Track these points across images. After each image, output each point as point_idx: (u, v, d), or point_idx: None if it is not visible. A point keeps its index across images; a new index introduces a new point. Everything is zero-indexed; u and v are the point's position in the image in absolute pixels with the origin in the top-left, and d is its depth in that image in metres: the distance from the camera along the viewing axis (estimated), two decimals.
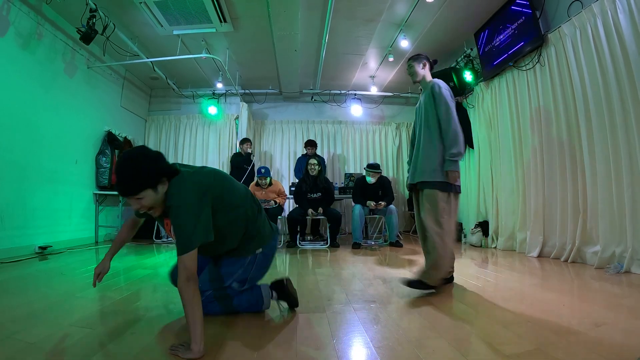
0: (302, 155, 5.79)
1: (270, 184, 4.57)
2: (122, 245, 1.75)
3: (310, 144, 5.54)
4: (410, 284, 2.04)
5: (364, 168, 4.64)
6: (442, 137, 2.16)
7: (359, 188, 4.59)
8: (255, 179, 4.68)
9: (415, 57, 2.38)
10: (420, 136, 2.30)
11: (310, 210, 4.33)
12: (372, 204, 4.37)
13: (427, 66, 2.36)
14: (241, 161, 5.31)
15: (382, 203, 4.37)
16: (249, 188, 4.60)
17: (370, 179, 4.49)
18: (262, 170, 4.53)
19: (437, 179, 2.12)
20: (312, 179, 4.49)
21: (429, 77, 2.36)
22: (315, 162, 4.53)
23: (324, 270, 2.79)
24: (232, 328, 1.43)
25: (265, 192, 4.55)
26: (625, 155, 2.53)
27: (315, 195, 4.45)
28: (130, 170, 1.24)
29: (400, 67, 5.53)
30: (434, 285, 2.03)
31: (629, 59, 2.49)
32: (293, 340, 1.30)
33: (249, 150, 5.40)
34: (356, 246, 4.18)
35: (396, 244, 4.24)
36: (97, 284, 1.55)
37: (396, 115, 6.93)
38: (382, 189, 4.54)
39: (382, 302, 1.81)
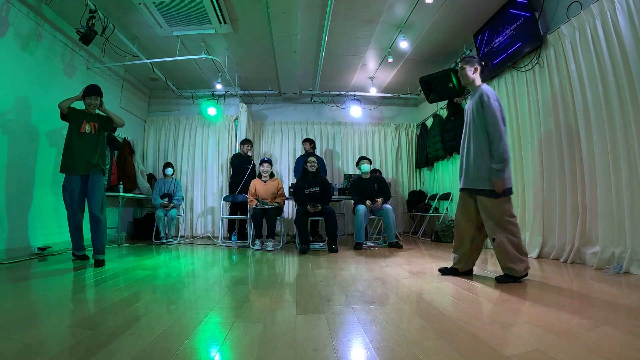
0: (300, 155, 5.80)
1: (272, 175, 4.76)
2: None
3: (308, 140, 5.61)
4: (499, 279, 2.29)
5: (356, 162, 4.91)
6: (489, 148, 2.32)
7: (355, 185, 4.69)
8: (258, 172, 4.83)
9: (467, 60, 2.49)
10: (469, 142, 2.44)
11: (308, 207, 4.27)
12: (368, 202, 4.38)
13: (478, 70, 2.46)
14: (243, 162, 5.30)
15: (379, 200, 4.39)
16: (251, 183, 4.65)
17: (365, 167, 4.70)
18: (266, 159, 4.77)
19: (492, 187, 2.30)
20: (310, 175, 4.49)
21: (478, 82, 2.46)
22: (314, 159, 4.55)
23: (323, 271, 2.79)
24: (231, 330, 1.43)
25: (266, 186, 4.58)
26: (624, 155, 2.53)
27: (313, 190, 4.42)
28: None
29: (399, 68, 5.54)
30: (519, 277, 2.25)
31: (628, 59, 2.50)
32: (292, 341, 1.29)
33: (250, 153, 5.40)
34: (358, 247, 4.16)
35: (396, 245, 4.23)
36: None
37: (395, 116, 6.94)
38: (377, 184, 4.64)
39: (381, 303, 1.81)
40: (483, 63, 2.55)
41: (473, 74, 2.45)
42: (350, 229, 6.23)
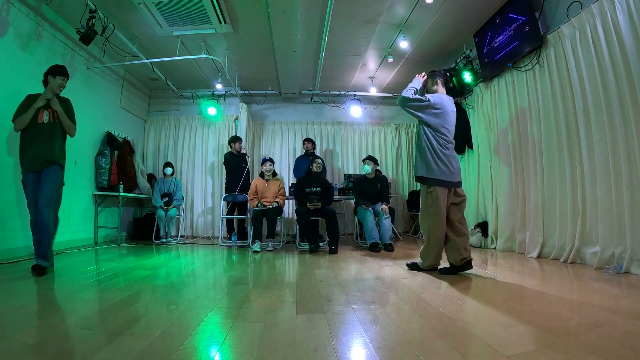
0: (300, 156, 5.78)
1: (275, 174, 4.75)
2: None
3: (309, 139, 5.60)
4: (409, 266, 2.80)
5: (363, 159, 4.91)
6: (419, 142, 2.68)
7: (358, 185, 4.71)
8: (260, 170, 4.78)
9: (430, 75, 2.82)
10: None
11: (308, 204, 4.25)
12: (364, 206, 4.37)
13: (440, 83, 2.78)
14: (238, 161, 5.18)
15: (384, 207, 4.35)
16: (252, 182, 4.63)
17: (367, 168, 4.69)
18: (268, 157, 4.78)
19: (416, 174, 2.67)
20: (313, 175, 4.48)
21: (440, 92, 2.75)
22: (320, 161, 4.57)
23: (323, 271, 2.79)
24: (231, 329, 1.42)
25: (267, 185, 4.57)
26: (624, 155, 2.53)
27: (314, 189, 4.41)
28: None
29: (399, 68, 5.54)
30: (425, 269, 2.68)
31: (628, 59, 2.50)
32: (292, 341, 1.29)
33: (244, 151, 5.34)
34: (374, 247, 3.98)
35: (389, 247, 4.04)
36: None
37: (395, 116, 6.94)
38: (379, 183, 4.67)
39: (381, 303, 1.81)
40: (448, 74, 2.96)
41: (434, 86, 2.77)
42: (350, 228, 6.22)
